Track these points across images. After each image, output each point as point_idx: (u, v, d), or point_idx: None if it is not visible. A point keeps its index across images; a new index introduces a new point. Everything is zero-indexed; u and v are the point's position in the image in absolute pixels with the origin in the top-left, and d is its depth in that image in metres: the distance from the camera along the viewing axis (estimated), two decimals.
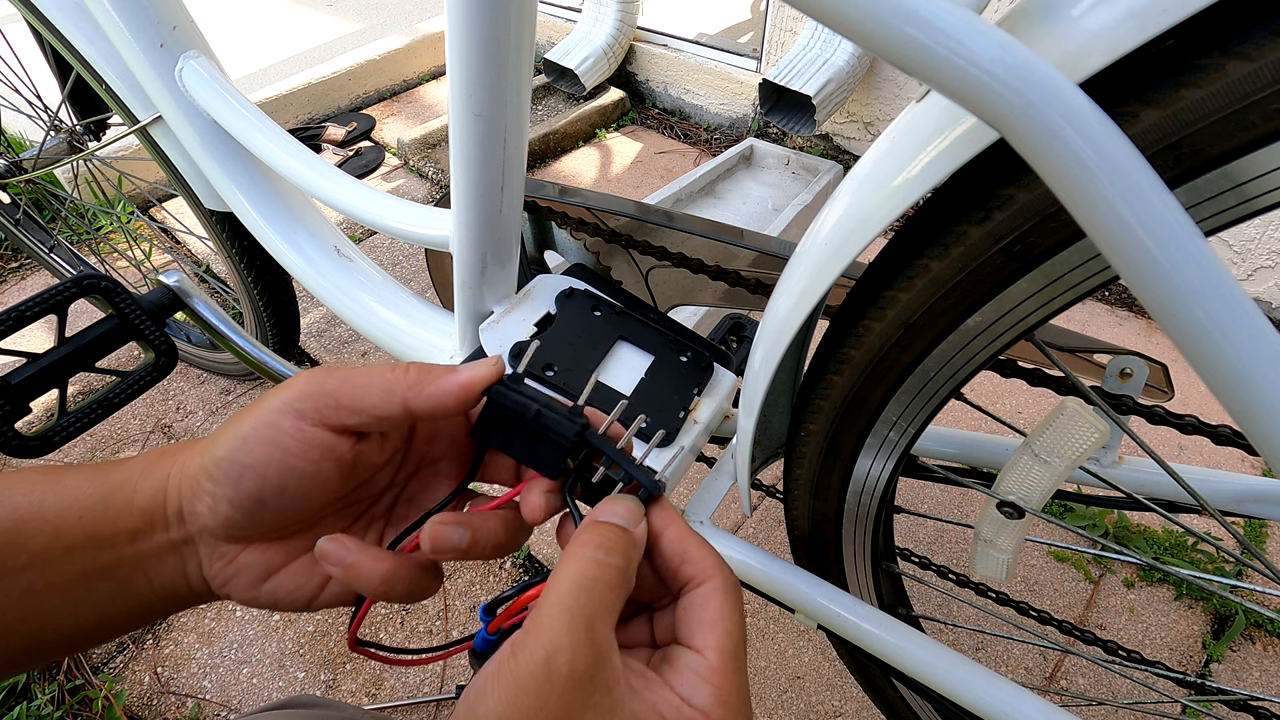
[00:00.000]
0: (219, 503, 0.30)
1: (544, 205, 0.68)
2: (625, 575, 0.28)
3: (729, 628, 0.29)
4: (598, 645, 0.25)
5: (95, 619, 0.31)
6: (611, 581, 0.27)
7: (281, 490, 0.30)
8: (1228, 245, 1.46)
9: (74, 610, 0.31)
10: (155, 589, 0.32)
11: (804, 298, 0.41)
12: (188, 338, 1.32)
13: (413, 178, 1.91)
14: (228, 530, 0.31)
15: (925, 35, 0.24)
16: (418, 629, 1.03)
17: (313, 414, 0.30)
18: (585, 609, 0.26)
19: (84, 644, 0.32)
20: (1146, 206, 0.24)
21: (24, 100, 1.12)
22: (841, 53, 1.65)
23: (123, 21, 0.71)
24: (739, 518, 1.17)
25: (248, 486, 0.30)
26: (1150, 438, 1.23)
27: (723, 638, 0.28)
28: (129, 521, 0.31)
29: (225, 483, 0.30)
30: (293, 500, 0.31)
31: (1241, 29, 0.25)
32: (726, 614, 0.29)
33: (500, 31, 0.42)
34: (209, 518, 0.31)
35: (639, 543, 0.30)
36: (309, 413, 0.30)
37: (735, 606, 0.30)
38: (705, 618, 0.29)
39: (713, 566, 0.30)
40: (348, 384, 0.31)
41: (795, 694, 0.97)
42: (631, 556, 0.29)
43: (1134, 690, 0.97)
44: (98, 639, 0.32)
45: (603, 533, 0.29)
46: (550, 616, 0.25)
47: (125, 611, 0.32)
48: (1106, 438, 0.42)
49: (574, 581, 0.27)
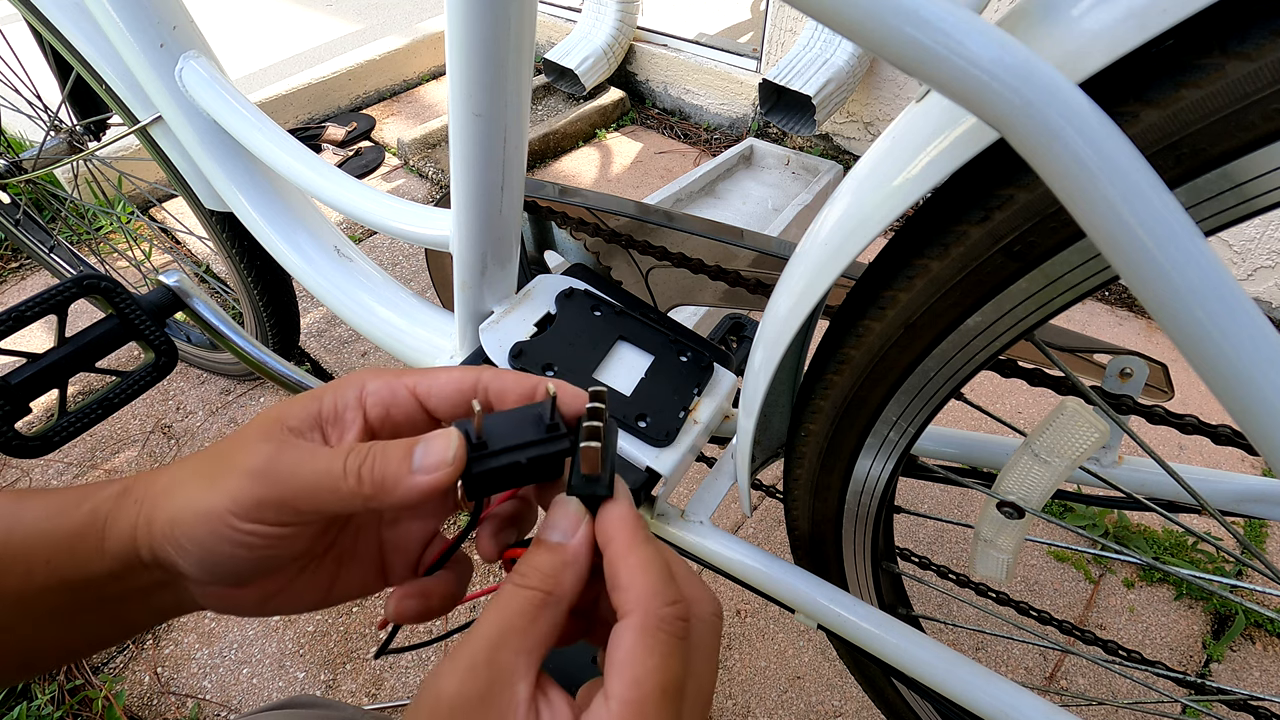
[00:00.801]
0: (193, 568, 0.29)
1: (544, 205, 0.68)
2: (544, 599, 0.27)
3: (638, 675, 0.25)
4: (495, 673, 0.25)
5: (84, 641, 0.31)
6: (521, 608, 0.26)
7: (254, 565, 0.29)
8: (1228, 245, 1.46)
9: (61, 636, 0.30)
10: (149, 612, 0.31)
11: (804, 298, 0.41)
12: (188, 338, 1.32)
13: (413, 178, 1.91)
14: (213, 581, 0.30)
15: (925, 35, 0.24)
16: (419, 629, 1.03)
17: (260, 520, 0.28)
18: (487, 636, 0.25)
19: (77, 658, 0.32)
20: (1146, 206, 0.24)
21: (24, 100, 1.12)
22: (841, 53, 1.65)
23: (123, 21, 0.71)
24: (739, 518, 1.17)
25: (221, 566, 0.29)
26: (1150, 438, 1.23)
27: (627, 686, 0.25)
28: (102, 565, 0.29)
29: (194, 562, 0.29)
30: (267, 565, 0.30)
31: (1241, 29, 0.25)
32: (639, 658, 0.25)
33: (500, 31, 0.42)
34: (190, 572, 0.29)
35: (572, 558, 0.28)
36: (256, 518, 0.28)
37: (654, 649, 0.25)
38: (615, 658, 0.26)
39: (637, 599, 0.26)
40: (293, 491, 0.28)
41: (795, 694, 0.97)
42: (557, 578, 0.27)
43: (1134, 690, 0.97)
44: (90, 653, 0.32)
45: (529, 555, 0.28)
46: (459, 645, 0.26)
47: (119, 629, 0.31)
48: (1106, 438, 0.42)
49: (490, 609, 0.26)
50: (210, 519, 0.28)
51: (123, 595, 0.30)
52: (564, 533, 0.28)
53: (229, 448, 0.30)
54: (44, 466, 1.22)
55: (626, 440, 0.53)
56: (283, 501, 0.28)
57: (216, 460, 0.30)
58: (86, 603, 0.30)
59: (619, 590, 0.27)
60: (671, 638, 0.26)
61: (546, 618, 0.27)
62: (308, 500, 0.28)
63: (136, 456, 1.25)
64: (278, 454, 0.29)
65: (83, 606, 0.30)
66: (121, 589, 0.30)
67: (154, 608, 0.31)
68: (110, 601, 0.30)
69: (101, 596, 0.30)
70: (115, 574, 0.30)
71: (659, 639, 0.26)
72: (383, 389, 0.32)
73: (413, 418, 0.32)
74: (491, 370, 0.33)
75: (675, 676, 0.26)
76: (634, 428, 0.53)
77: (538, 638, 0.26)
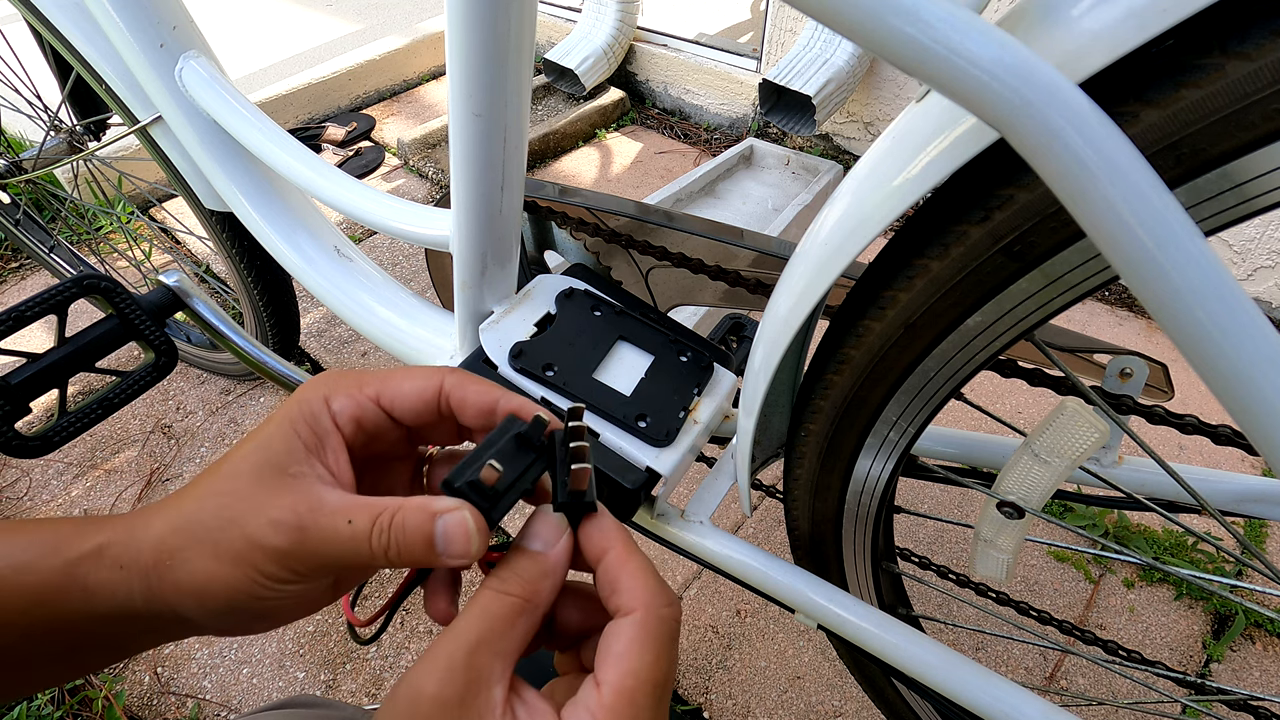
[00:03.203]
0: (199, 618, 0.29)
1: (544, 205, 0.68)
2: (522, 606, 0.28)
3: (634, 666, 0.27)
4: (472, 675, 0.26)
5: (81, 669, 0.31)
6: (501, 613, 0.27)
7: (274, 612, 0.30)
8: (1228, 245, 1.46)
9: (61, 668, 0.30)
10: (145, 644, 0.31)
11: (804, 298, 0.41)
12: (188, 338, 1.32)
13: (413, 178, 1.91)
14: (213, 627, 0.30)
15: (925, 35, 0.24)
16: (418, 629, 1.03)
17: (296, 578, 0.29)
18: (467, 639, 0.26)
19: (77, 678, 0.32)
20: (1146, 206, 0.24)
21: (24, 100, 1.12)
22: (841, 53, 1.65)
23: (123, 21, 0.71)
24: (739, 518, 1.17)
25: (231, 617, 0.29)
26: (1150, 438, 1.23)
27: (624, 676, 0.27)
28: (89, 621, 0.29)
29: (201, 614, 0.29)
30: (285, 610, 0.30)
31: (1241, 29, 0.25)
32: (636, 652, 0.27)
33: (500, 31, 0.42)
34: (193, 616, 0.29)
35: (552, 567, 0.29)
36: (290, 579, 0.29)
37: (651, 646, 0.27)
38: (613, 650, 0.27)
39: (641, 599, 0.28)
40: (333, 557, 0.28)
41: (795, 694, 0.97)
42: (535, 585, 0.28)
43: (1134, 690, 0.97)
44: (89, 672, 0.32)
45: (510, 562, 0.29)
46: (434, 647, 0.26)
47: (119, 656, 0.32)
48: (1106, 438, 0.42)
49: (466, 616, 0.27)
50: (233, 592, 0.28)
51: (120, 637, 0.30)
52: (546, 542, 0.30)
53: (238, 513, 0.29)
54: (44, 466, 1.23)
55: (626, 440, 0.53)
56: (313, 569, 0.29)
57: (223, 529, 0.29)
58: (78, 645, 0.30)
59: (618, 592, 0.29)
60: (666, 637, 0.28)
61: (524, 623, 0.28)
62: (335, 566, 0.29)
63: (136, 456, 1.25)
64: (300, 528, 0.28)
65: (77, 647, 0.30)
66: (118, 632, 0.30)
67: (148, 643, 0.31)
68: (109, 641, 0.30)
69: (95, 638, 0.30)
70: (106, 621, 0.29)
71: (657, 637, 0.28)
72: (350, 405, 0.32)
73: (381, 427, 0.33)
74: (453, 376, 0.33)
75: (665, 673, 0.28)
76: (634, 428, 0.53)
77: (514, 642, 0.27)
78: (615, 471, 0.52)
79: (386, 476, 0.36)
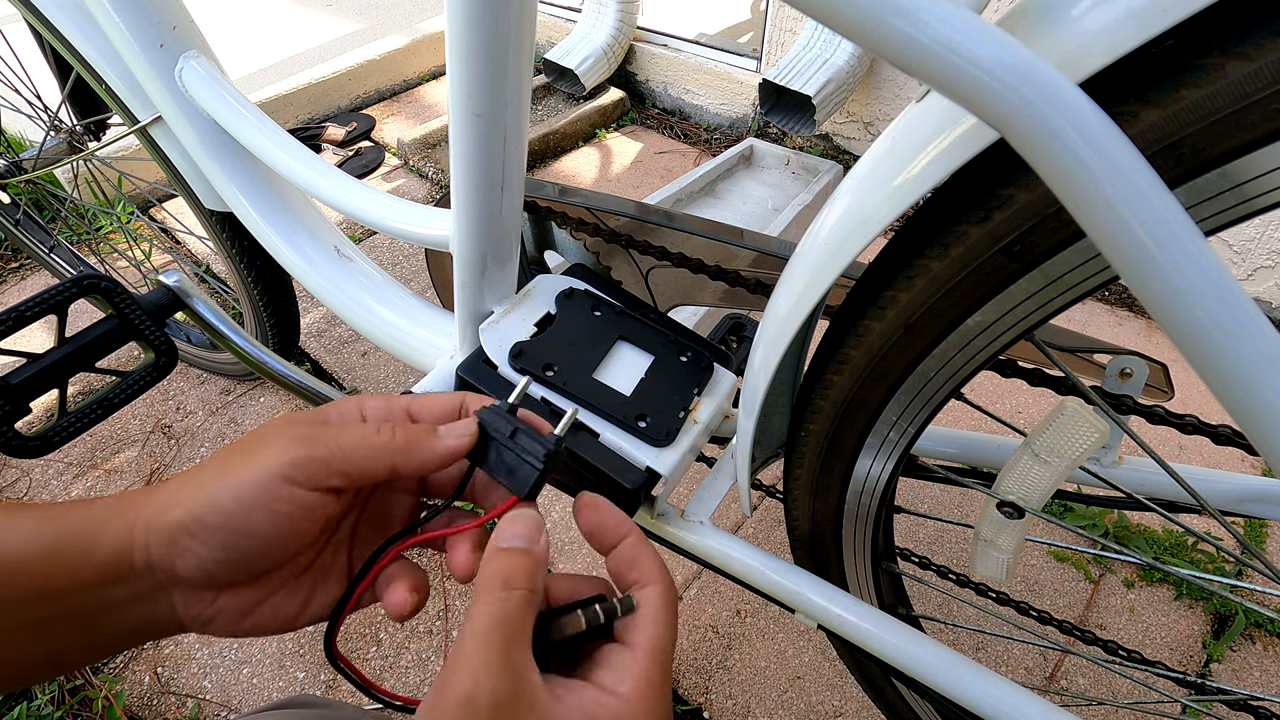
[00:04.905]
0: (205, 561, 0.31)
1: (544, 205, 0.68)
2: (531, 598, 0.31)
3: (660, 630, 0.32)
4: (515, 671, 0.28)
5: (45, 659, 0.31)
6: (516, 612, 0.30)
7: (268, 548, 0.32)
8: (1228, 245, 1.46)
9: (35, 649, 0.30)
10: (120, 631, 0.32)
11: (804, 298, 0.41)
12: (188, 338, 1.32)
13: (413, 178, 1.91)
14: (207, 581, 0.32)
15: (925, 35, 0.24)
16: (418, 629, 1.03)
17: (305, 481, 0.32)
18: (498, 643, 0.28)
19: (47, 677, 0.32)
20: (1146, 206, 0.24)
21: (24, 100, 1.12)
22: (841, 53, 1.65)
23: (123, 21, 0.71)
24: (739, 518, 1.17)
25: (239, 547, 0.31)
26: (1150, 438, 1.23)
27: (654, 638, 0.32)
28: (87, 574, 0.30)
29: (215, 544, 0.31)
30: (276, 552, 0.33)
31: (1241, 29, 0.25)
32: (662, 618, 0.32)
33: (500, 31, 0.42)
34: (189, 571, 0.31)
35: (541, 560, 0.32)
36: (301, 480, 0.32)
37: (671, 613, 0.33)
38: (644, 614, 0.32)
39: (659, 573, 0.34)
40: (337, 450, 0.32)
41: (795, 694, 0.97)
42: (535, 577, 0.31)
43: (1134, 690, 0.97)
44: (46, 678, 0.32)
45: (505, 564, 0.31)
46: (468, 653, 0.28)
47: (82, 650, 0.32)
48: (1106, 438, 0.42)
49: (487, 619, 0.29)
50: (265, 482, 0.31)
51: (102, 608, 0.31)
52: (529, 540, 0.33)
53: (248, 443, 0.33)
54: (44, 466, 1.23)
55: (626, 440, 0.53)
56: (328, 466, 0.32)
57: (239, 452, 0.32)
58: (65, 613, 0.30)
59: (637, 569, 0.34)
60: (676, 608, 0.34)
61: (532, 613, 0.31)
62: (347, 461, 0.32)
63: (136, 456, 1.25)
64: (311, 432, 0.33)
65: (60, 617, 0.30)
66: (101, 601, 0.31)
67: (132, 625, 0.32)
68: (89, 614, 0.31)
69: (81, 607, 0.31)
70: (98, 583, 0.31)
71: (674, 605, 0.33)
72: (381, 406, 0.36)
73: None
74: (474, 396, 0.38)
75: (675, 635, 0.33)
76: (634, 428, 0.53)
77: (529, 631, 0.30)
78: (615, 471, 0.52)
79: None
